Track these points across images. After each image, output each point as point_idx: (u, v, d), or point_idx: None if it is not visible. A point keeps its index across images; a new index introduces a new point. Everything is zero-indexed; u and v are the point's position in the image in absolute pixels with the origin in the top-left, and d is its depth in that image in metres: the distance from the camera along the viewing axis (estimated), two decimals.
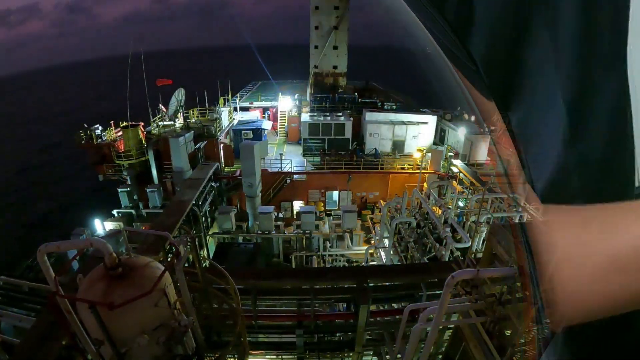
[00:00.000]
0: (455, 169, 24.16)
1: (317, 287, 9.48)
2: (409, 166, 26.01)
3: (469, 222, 16.82)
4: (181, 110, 26.88)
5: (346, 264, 20.06)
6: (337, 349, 10.43)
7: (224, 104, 31.23)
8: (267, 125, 30.22)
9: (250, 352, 9.61)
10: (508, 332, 6.25)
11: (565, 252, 1.31)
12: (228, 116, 29.07)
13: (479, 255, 8.62)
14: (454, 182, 22.10)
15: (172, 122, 26.26)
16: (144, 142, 24.16)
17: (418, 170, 24.21)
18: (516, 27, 1.44)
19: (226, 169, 25.86)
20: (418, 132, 28.61)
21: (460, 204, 19.25)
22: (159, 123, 26.11)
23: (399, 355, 8.59)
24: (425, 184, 23.66)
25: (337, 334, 10.70)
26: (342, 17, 33.71)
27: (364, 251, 19.27)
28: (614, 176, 1.34)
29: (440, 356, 9.17)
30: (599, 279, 1.22)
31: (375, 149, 27.98)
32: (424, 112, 30.47)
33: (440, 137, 30.34)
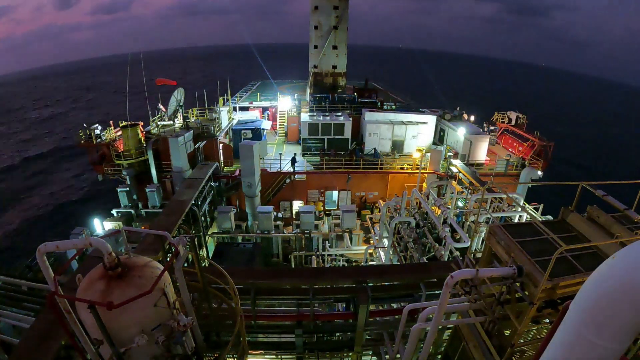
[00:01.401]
0: (454, 169, 24.19)
1: (317, 287, 9.48)
2: (408, 166, 26.02)
3: (468, 222, 16.82)
4: (180, 110, 26.86)
5: (345, 264, 20.06)
6: (336, 349, 10.43)
7: (223, 103, 31.21)
8: (266, 125, 30.20)
9: (250, 352, 9.61)
10: (507, 332, 6.26)
11: None
12: (227, 116, 29.05)
13: (478, 255, 8.62)
14: (453, 182, 22.12)
15: (172, 122, 26.23)
16: (143, 141, 24.13)
17: (417, 170, 24.21)
18: None
19: (225, 168, 25.83)
20: (417, 132, 28.64)
21: (460, 203, 19.26)
22: (158, 123, 26.09)
23: (398, 355, 8.59)
24: (424, 184, 23.67)
25: (337, 334, 10.70)
26: (341, 17, 33.71)
27: (363, 251, 19.28)
28: None
29: (440, 356, 9.18)
30: None
31: (375, 148, 27.98)
32: (423, 112, 30.50)
33: (439, 137, 30.36)
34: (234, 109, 32.03)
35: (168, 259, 5.52)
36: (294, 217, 24.94)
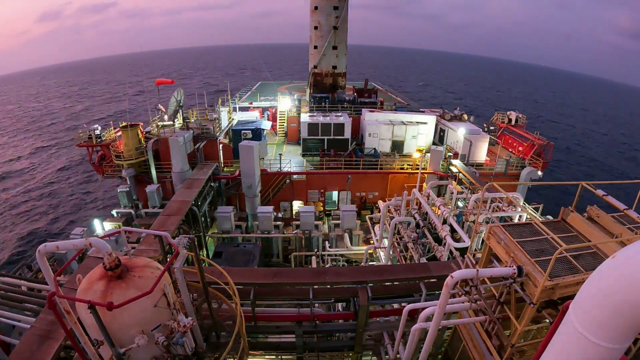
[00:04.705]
0: (454, 169, 24.18)
1: (317, 287, 9.47)
2: (408, 166, 26.01)
3: (468, 222, 16.81)
4: (180, 110, 26.85)
5: (345, 264, 20.05)
6: (336, 349, 10.41)
7: (223, 104, 31.21)
8: (266, 125, 30.15)
9: (250, 352, 9.61)
10: (507, 332, 6.26)
11: None
12: (227, 116, 29.04)
13: (478, 255, 8.62)
14: (453, 182, 22.11)
15: (172, 122, 26.22)
16: (143, 142, 24.12)
17: (417, 170, 24.19)
18: None
19: (225, 169, 25.82)
20: (417, 132, 28.63)
21: (460, 204, 19.25)
22: (158, 123, 26.09)
23: (398, 355, 8.60)
24: (424, 184, 23.66)
25: (337, 334, 10.69)
26: (341, 17, 33.71)
27: (363, 251, 19.26)
28: None
29: (440, 356, 9.18)
30: None
31: (375, 149, 27.98)
32: (423, 112, 30.49)
33: (439, 137, 30.37)
34: (234, 109, 32.01)
35: (168, 259, 5.52)
36: (294, 217, 24.93)
